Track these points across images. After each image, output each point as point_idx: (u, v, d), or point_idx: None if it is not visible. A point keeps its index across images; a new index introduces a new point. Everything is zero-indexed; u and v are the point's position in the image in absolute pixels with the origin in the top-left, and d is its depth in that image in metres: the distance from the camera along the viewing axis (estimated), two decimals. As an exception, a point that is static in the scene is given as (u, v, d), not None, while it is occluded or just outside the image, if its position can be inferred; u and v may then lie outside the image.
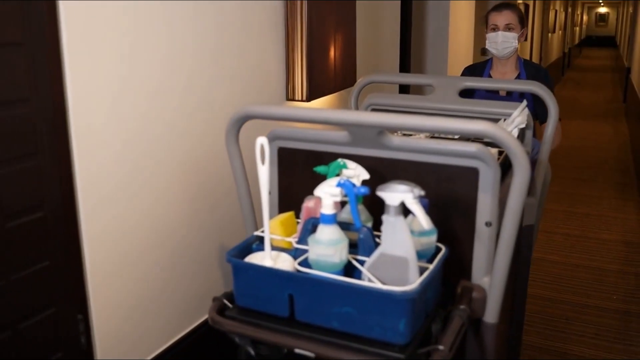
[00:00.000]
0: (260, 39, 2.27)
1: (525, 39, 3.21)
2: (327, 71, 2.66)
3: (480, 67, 2.83)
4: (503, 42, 2.61)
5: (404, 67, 4.21)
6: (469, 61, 4.02)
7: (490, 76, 2.71)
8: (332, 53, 2.70)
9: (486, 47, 2.71)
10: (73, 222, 1.58)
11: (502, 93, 2.61)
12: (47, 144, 1.48)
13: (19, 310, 1.47)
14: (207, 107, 2.00)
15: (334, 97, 2.84)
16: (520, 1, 8.98)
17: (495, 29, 2.65)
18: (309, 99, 2.51)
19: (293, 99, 2.55)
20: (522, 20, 2.71)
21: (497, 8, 2.71)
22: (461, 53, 5.52)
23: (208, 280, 2.16)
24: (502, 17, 2.64)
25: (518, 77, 2.67)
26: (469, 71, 2.85)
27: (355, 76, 2.97)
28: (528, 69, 2.70)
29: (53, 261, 1.54)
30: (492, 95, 2.56)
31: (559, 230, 4.41)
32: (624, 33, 16.92)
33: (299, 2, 2.43)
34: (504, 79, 2.67)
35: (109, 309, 1.72)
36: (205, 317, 2.17)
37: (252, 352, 1.24)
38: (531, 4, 10.16)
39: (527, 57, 10.19)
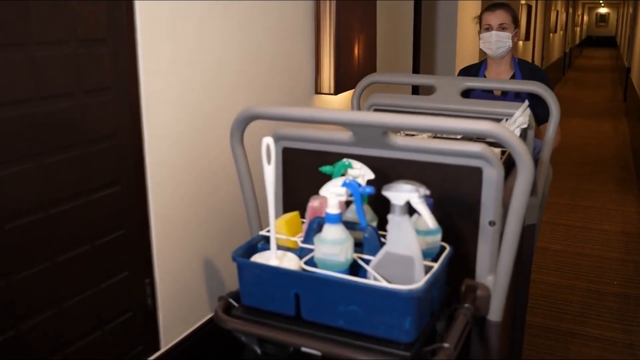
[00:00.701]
0: (292, 37, 2.50)
1: (528, 39, 3.25)
2: (352, 67, 2.88)
3: (475, 67, 2.85)
4: (497, 42, 2.63)
5: (415, 66, 4.29)
6: (475, 60, 4.09)
7: (485, 76, 2.73)
8: (355, 50, 2.91)
9: (480, 47, 2.73)
10: (143, 196, 1.78)
11: (497, 93, 2.63)
12: (124, 127, 1.70)
13: (100, 273, 1.68)
14: (249, 99, 2.24)
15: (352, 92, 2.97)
16: (524, 2, 9.08)
17: (488, 28, 2.66)
18: (335, 93, 2.71)
19: (321, 93, 2.75)
20: (516, 20, 2.73)
21: (490, 8, 2.73)
22: (468, 53, 5.61)
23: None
24: (496, 17, 2.66)
25: (513, 76, 2.69)
26: (465, 72, 2.87)
27: (375, 68, 3.17)
28: (523, 69, 2.71)
29: (127, 230, 1.75)
30: (487, 95, 2.57)
31: (562, 221, 4.59)
32: (624, 33, 17.07)
33: (328, 2, 2.66)
34: (499, 78, 2.69)
35: (171, 275, 1.92)
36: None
37: (259, 351, 1.25)
38: (534, 4, 10.25)
39: (530, 57, 10.34)
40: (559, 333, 2.95)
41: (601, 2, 28.36)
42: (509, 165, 1.52)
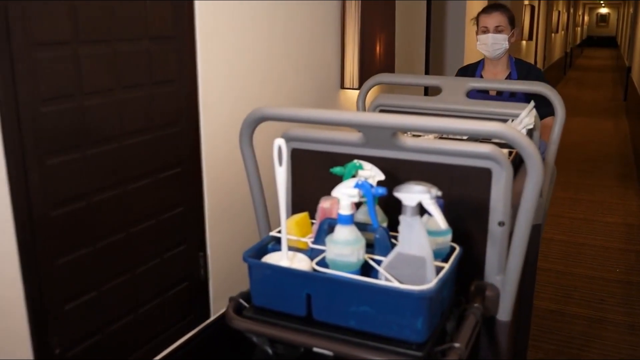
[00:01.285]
0: (321, 35, 2.76)
1: (531, 39, 3.38)
2: (374, 63, 3.10)
3: (472, 67, 2.87)
4: (493, 43, 2.65)
5: (426, 65, 4.59)
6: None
7: (481, 76, 2.75)
8: (377, 48, 3.14)
9: (477, 48, 2.74)
10: (199, 177, 2.02)
11: (492, 92, 2.64)
12: (184, 115, 1.96)
13: (163, 245, 1.89)
14: (284, 90, 2.54)
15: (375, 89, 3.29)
16: (527, 2, 9.26)
17: (485, 30, 2.68)
18: (359, 87, 2.83)
19: (345, 87, 3.02)
20: (513, 22, 2.74)
21: (487, 10, 2.74)
22: (477, 52, 5.67)
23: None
24: (492, 19, 2.67)
25: (509, 76, 2.71)
26: (462, 72, 2.89)
27: (394, 69, 3.54)
28: (519, 68, 2.73)
29: (185, 208, 1.96)
30: (482, 95, 2.59)
31: (566, 214, 4.83)
32: (625, 33, 17.24)
33: (353, 3, 2.89)
34: (496, 79, 2.70)
35: (222, 249, 2.11)
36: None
37: (270, 351, 1.25)
38: (536, 4, 10.43)
39: (533, 56, 10.60)
40: (565, 315, 3.13)
41: (602, 2, 28.46)
42: (515, 166, 1.53)
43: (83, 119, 1.63)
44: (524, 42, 9.22)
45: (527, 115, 1.85)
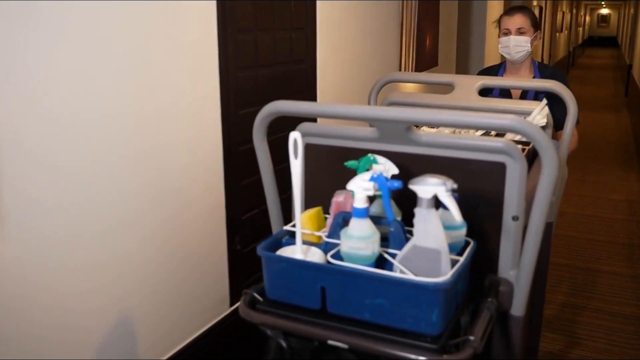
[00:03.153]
0: (385, 29, 3.46)
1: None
2: (425, 53, 3.93)
3: (494, 69, 2.84)
4: (515, 46, 2.59)
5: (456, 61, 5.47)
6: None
7: None
8: (427, 42, 3.96)
9: (499, 51, 2.71)
10: None
11: (515, 96, 2.62)
12: (307, 88, 2.62)
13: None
14: (361, 70, 3.20)
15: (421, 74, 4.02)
16: (535, 3, 9.81)
17: (507, 33, 2.63)
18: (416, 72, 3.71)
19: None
20: (535, 24, 2.69)
21: (509, 12, 2.71)
22: (497, 53, 6.09)
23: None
24: (514, 21, 2.63)
25: None
26: (484, 74, 2.86)
27: (437, 60, 4.41)
28: (543, 72, 2.68)
29: None
30: (504, 98, 2.56)
31: (574, 192, 5.34)
32: (625, 33, 17.56)
33: (411, 3, 3.63)
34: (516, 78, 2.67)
35: None
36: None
37: (284, 345, 1.25)
38: (544, 5, 11.06)
39: (540, 54, 11.28)
40: (578, 269, 3.78)
41: (602, 3, 28.47)
42: (528, 163, 1.53)
43: (256, 83, 2.28)
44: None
45: (539, 113, 1.85)
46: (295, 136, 1.19)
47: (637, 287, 3.51)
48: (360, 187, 1.14)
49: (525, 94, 2.60)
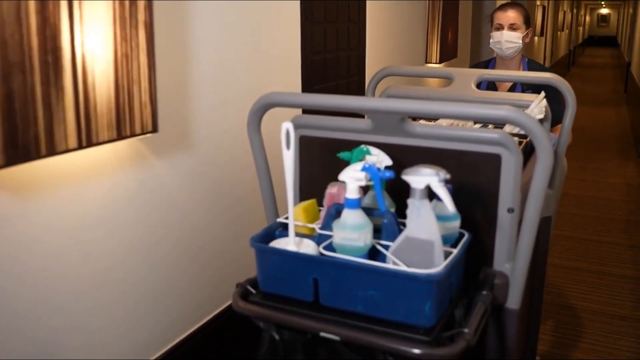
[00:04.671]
0: (414, 24, 4.12)
1: (542, 35, 3.88)
2: (447, 46, 4.56)
3: (483, 65, 2.83)
4: (507, 41, 2.59)
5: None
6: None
7: None
8: (449, 35, 4.60)
9: (490, 46, 2.70)
10: None
11: (503, 90, 2.60)
12: (359, 70, 3.18)
13: None
14: (395, 56, 3.83)
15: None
16: (539, 3, 10.34)
17: (499, 28, 2.63)
18: (439, 62, 4.36)
19: (429, 62, 4.36)
20: (528, 21, 2.68)
21: (502, 7, 2.70)
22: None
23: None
24: (506, 17, 2.62)
25: None
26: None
27: (456, 52, 4.97)
28: (532, 69, 2.68)
29: None
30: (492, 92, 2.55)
31: (577, 177, 5.85)
32: (625, 33, 17.91)
33: (437, 2, 4.30)
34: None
35: None
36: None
37: (277, 337, 1.25)
38: (547, 4, 11.59)
39: (542, 52, 11.87)
40: (582, 239, 4.31)
41: (602, 3, 28.50)
42: (525, 156, 1.52)
43: (324, 65, 2.80)
44: (536, 38, 10.43)
45: (536, 106, 1.83)
46: (287, 126, 1.18)
47: (634, 253, 4.04)
48: (352, 178, 1.13)
49: (513, 89, 2.59)
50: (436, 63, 4.33)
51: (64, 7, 1.29)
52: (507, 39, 2.59)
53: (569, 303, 3.32)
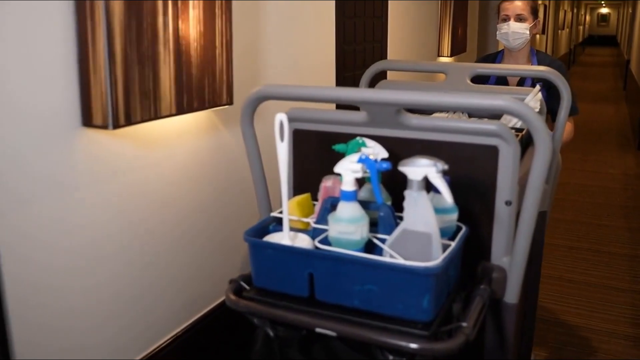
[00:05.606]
0: (428, 21, 4.47)
1: (544, 33, 4.25)
2: (457, 41, 4.95)
3: (491, 58, 2.79)
4: (513, 32, 2.53)
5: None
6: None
7: None
8: (459, 30, 4.99)
9: (497, 38, 2.65)
10: None
11: (512, 84, 2.57)
12: (378, 60, 3.31)
13: None
14: (412, 51, 4.16)
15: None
16: (541, 2, 10.70)
17: (506, 19, 2.57)
18: (451, 55, 4.73)
19: (442, 55, 4.71)
20: (535, 11, 2.62)
21: None
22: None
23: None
24: (514, 7, 2.57)
25: None
26: (481, 62, 2.82)
27: (465, 47, 5.31)
28: (541, 62, 2.63)
29: None
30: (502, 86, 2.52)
31: (577, 167, 6.19)
32: (625, 32, 18.12)
33: (448, 2, 4.68)
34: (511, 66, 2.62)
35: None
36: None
37: (271, 334, 1.22)
38: (548, 3, 12.00)
39: (544, 49, 12.04)
40: (582, 223, 4.56)
41: (602, 2, 28.67)
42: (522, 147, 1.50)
43: (354, 55, 3.14)
44: (537, 36, 10.94)
45: (532, 99, 1.82)
46: (281, 118, 1.15)
47: (631, 235, 4.31)
48: (348, 170, 1.11)
49: (522, 83, 2.55)
50: (448, 56, 4.67)
51: (169, 5, 1.61)
52: (514, 29, 2.53)
53: (570, 277, 3.58)
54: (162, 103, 1.59)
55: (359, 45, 3.24)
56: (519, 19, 2.55)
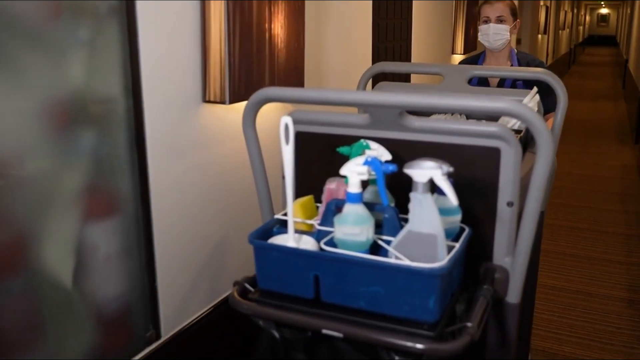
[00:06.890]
0: (443, 21, 4.92)
1: (545, 32, 4.76)
2: (469, 39, 5.30)
3: (473, 59, 2.84)
4: (494, 34, 2.61)
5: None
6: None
7: None
8: (471, 30, 5.25)
9: (478, 39, 2.71)
10: None
11: (493, 84, 2.62)
12: (407, 58, 3.94)
13: None
14: (428, 47, 4.61)
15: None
16: (542, 3, 11.14)
17: (486, 21, 2.65)
18: (463, 53, 5.11)
19: (455, 53, 5.14)
20: (515, 13, 2.71)
21: (489, 0, 2.72)
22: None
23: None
24: (494, 10, 2.64)
25: None
26: (464, 63, 2.86)
27: (476, 45, 5.53)
28: (522, 61, 2.70)
29: None
30: (483, 87, 2.56)
31: (579, 159, 6.73)
32: (624, 32, 18.40)
33: (462, 2, 5.09)
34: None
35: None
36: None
37: (277, 335, 1.22)
38: (549, 4, 12.55)
39: (545, 49, 12.71)
40: (582, 207, 5.11)
41: (602, 2, 28.94)
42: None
43: (386, 52, 3.62)
44: (539, 36, 11.59)
45: (530, 101, 1.83)
46: (286, 121, 1.16)
47: (627, 217, 4.83)
48: (354, 172, 1.12)
49: (502, 83, 2.60)
50: (461, 54, 5.04)
51: (266, 9, 2.06)
52: (495, 31, 2.61)
53: (573, 252, 4.09)
54: (260, 87, 1.82)
55: (389, 43, 3.70)
56: (499, 20, 2.61)
